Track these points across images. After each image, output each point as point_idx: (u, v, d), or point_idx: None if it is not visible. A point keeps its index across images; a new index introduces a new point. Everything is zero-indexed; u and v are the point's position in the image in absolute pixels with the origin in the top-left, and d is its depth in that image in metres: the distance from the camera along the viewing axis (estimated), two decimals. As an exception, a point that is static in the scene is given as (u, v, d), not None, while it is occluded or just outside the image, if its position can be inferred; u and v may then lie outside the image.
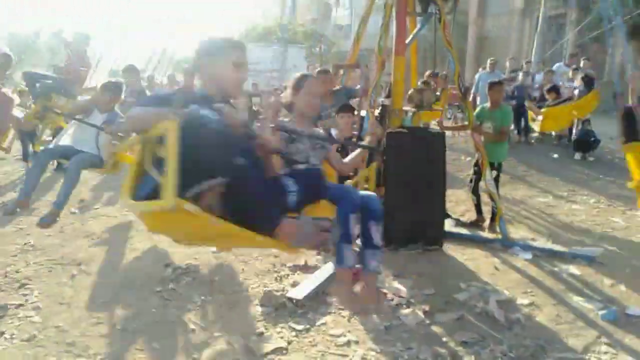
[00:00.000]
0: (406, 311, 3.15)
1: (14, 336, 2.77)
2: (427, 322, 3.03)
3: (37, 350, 2.64)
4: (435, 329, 2.97)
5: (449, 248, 4.35)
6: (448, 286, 3.54)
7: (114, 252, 4.15)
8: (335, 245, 2.38)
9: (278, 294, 3.40)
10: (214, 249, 4.22)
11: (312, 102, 2.71)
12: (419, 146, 4.22)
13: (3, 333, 2.80)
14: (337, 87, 5.03)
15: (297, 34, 22.14)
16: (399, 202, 4.25)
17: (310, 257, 4.06)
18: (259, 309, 3.18)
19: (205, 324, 2.98)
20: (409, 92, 4.83)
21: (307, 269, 3.85)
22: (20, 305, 3.15)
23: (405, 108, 4.61)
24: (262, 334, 2.85)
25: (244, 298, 3.34)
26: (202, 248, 4.21)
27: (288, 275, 3.74)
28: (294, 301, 3.21)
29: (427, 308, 3.18)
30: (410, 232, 4.25)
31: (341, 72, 5.49)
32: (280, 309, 3.16)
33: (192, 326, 2.94)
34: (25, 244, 4.21)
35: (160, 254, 4.05)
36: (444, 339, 2.83)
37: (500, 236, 4.53)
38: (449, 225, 4.74)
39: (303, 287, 3.40)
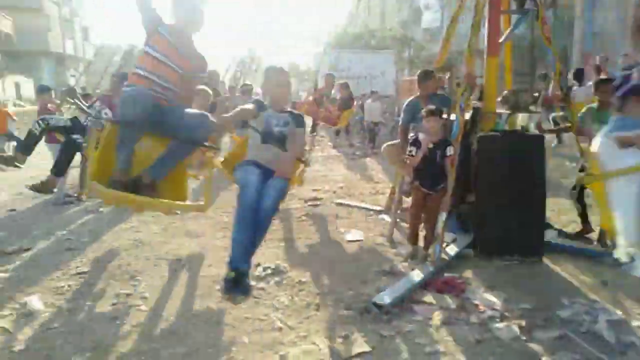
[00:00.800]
0: (500, 325, 2.97)
1: (124, 322, 3.08)
2: (524, 338, 2.83)
3: (144, 336, 2.90)
4: (534, 346, 2.76)
5: (550, 260, 4.03)
6: (548, 301, 3.28)
7: (210, 249, 4.42)
8: None
9: (363, 298, 3.39)
10: (300, 250, 4.34)
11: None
12: (514, 150, 3.98)
13: (116, 318, 3.11)
14: (438, 92, 4.79)
15: (386, 39, 21.99)
16: (492, 209, 4.04)
17: (397, 263, 4.00)
18: (344, 312, 3.20)
19: (291, 323, 3.06)
20: (504, 94, 4.57)
21: (393, 274, 3.79)
22: (130, 294, 3.49)
23: (499, 111, 4.37)
24: (346, 337, 2.86)
25: (330, 300, 3.38)
26: (290, 250, 4.36)
27: (374, 280, 3.71)
28: (379, 307, 3.18)
29: (523, 323, 2.97)
30: (505, 242, 4.01)
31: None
32: (365, 313, 3.15)
33: (279, 324, 3.03)
34: (135, 240, 4.65)
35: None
36: (544, 359, 2.62)
37: (611, 250, 4.10)
38: (550, 236, 4.39)
39: (389, 293, 3.35)
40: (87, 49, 40.07)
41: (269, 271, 3.85)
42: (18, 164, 4.42)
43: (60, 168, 4.44)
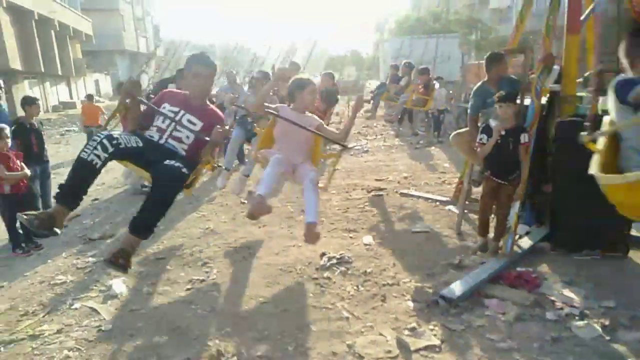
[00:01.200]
0: (579, 323, 2.79)
1: (198, 307, 3.23)
2: (607, 338, 2.64)
3: (217, 321, 3.03)
4: (617, 347, 2.57)
5: (636, 255, 3.72)
6: (634, 300, 3.04)
7: (276, 238, 4.53)
8: None
9: (430, 291, 3.32)
10: (365, 240, 4.32)
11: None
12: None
13: (191, 303, 3.28)
14: (508, 75, 4.52)
15: (451, 23, 21.14)
16: (571, 201, 3.78)
17: (466, 255, 3.87)
18: (411, 304, 3.15)
19: (357, 313, 3.06)
20: (585, 75, 4.23)
21: (461, 267, 3.68)
22: (203, 280, 3.66)
23: (580, 94, 4.06)
24: (414, 329, 2.82)
25: (396, 291, 3.34)
26: (355, 240, 4.35)
27: (441, 272, 3.62)
28: (448, 300, 3.10)
29: (606, 322, 2.77)
30: (585, 235, 3.75)
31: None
32: (433, 306, 3.09)
33: (345, 314, 3.05)
34: (207, 228, 4.86)
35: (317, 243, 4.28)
36: (630, 361, 2.44)
37: None
38: (636, 230, 4.05)
39: (457, 286, 3.25)
40: (157, 44, 42.15)
41: (334, 261, 3.87)
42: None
43: None
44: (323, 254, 3.99)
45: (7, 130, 4.48)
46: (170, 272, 3.84)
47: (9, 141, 4.50)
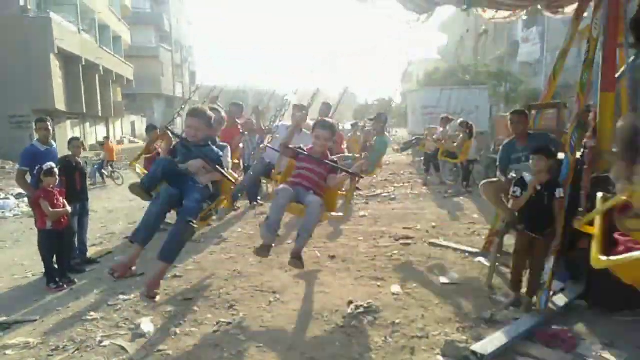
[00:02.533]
0: (622, 390, 2.64)
1: (224, 350, 3.22)
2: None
3: (242, 366, 3.00)
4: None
5: (680, 319, 3.54)
6: (681, 367, 2.87)
7: (303, 283, 4.51)
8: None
9: (461, 345, 3.21)
10: (393, 290, 4.26)
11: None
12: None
13: (217, 345, 3.27)
14: (533, 131, 4.65)
15: (480, 75, 21.41)
16: (609, 258, 3.66)
17: (497, 310, 3.76)
18: (440, 358, 3.06)
19: (386, 366, 2.98)
20: (620, 132, 4.20)
21: (493, 322, 3.57)
22: (229, 323, 3.65)
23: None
24: (445, 386, 2.72)
25: (425, 345, 3.25)
26: (382, 289, 4.30)
27: (472, 327, 3.52)
28: (479, 356, 2.99)
29: (651, 390, 2.62)
30: (625, 294, 3.58)
31: (533, 112, 5.10)
32: (464, 362, 2.99)
33: (374, 366, 2.98)
34: (234, 270, 4.90)
35: (344, 291, 4.25)
36: None
37: None
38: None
39: (489, 342, 3.15)
40: (193, 89, 44.04)
41: (362, 310, 3.81)
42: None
43: None
44: (350, 302, 3.94)
45: (56, 169, 4.72)
46: (198, 313, 3.86)
47: (57, 179, 4.72)
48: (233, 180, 4.08)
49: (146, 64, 34.68)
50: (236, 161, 6.81)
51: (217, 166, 3.73)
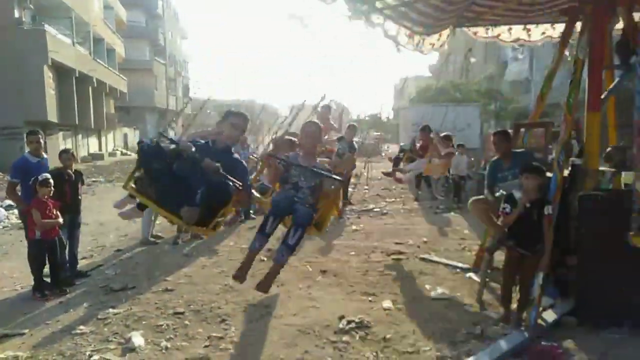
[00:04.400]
0: (610, 406, 2.67)
1: (215, 364, 3.21)
2: None
3: (233, 380, 2.99)
4: None
5: (667, 336, 3.59)
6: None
7: (295, 298, 4.51)
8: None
9: (452, 361, 3.24)
10: (384, 305, 4.28)
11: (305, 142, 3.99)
12: (620, 212, 3.69)
13: (209, 359, 3.26)
14: (519, 149, 4.75)
15: (471, 93, 21.76)
16: (598, 274, 3.73)
17: (488, 326, 3.79)
18: (432, 374, 3.07)
19: (377, 381, 2.99)
20: (607, 150, 4.32)
21: (483, 338, 3.59)
22: (221, 338, 3.64)
23: (602, 168, 4.13)
24: (436, 401, 2.74)
25: (417, 360, 3.27)
26: (374, 304, 4.31)
27: (462, 342, 3.54)
28: (471, 372, 3.02)
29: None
30: (614, 311, 3.66)
31: (522, 130, 5.21)
32: (455, 378, 3.00)
33: (365, 381, 2.98)
34: (225, 284, 4.88)
35: (335, 305, 4.26)
36: None
37: None
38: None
39: (480, 357, 3.18)
40: (186, 102, 44.13)
41: (353, 325, 3.82)
42: None
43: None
44: (342, 317, 3.95)
45: (51, 180, 4.72)
46: (189, 327, 3.84)
47: (52, 189, 4.72)
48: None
49: (140, 77, 34.72)
50: None
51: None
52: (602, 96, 4.17)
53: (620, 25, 4.44)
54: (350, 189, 9.70)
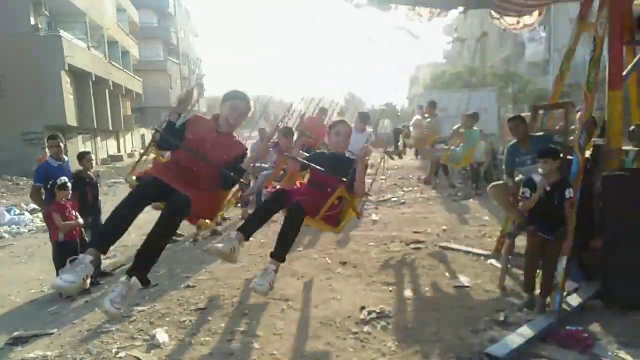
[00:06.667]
0: (640, 390, 2.61)
1: (239, 358, 3.24)
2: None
3: (257, 374, 3.02)
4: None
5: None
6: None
7: (315, 291, 4.52)
8: None
9: (475, 349, 3.21)
10: (406, 294, 4.26)
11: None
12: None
13: (232, 354, 3.30)
14: (538, 133, 4.65)
15: (487, 77, 21.36)
16: (624, 256, 3.64)
17: (511, 312, 3.74)
18: (456, 362, 3.05)
19: (401, 371, 2.98)
20: (631, 129, 4.18)
21: (506, 325, 3.55)
22: (244, 332, 3.68)
23: (625, 147, 4.00)
24: (460, 390, 2.71)
25: (438, 349, 3.24)
26: (395, 294, 4.30)
27: (486, 329, 3.50)
28: (495, 358, 2.98)
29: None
30: (638, 293, 3.57)
31: (541, 112, 5.08)
32: (479, 365, 2.97)
33: (388, 371, 2.98)
34: (247, 279, 4.92)
35: (356, 296, 4.26)
36: None
37: None
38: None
39: (504, 344, 3.14)
40: (201, 102, 44.52)
41: (374, 315, 3.81)
42: None
43: None
44: (363, 308, 3.95)
45: (69, 183, 4.82)
46: (212, 322, 3.89)
47: (70, 193, 4.82)
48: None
49: (155, 78, 35.10)
50: None
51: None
52: (624, 73, 4.03)
53: (640, -1, 4.29)
54: (368, 180, 9.60)
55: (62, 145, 5.28)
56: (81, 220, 4.97)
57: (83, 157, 5.52)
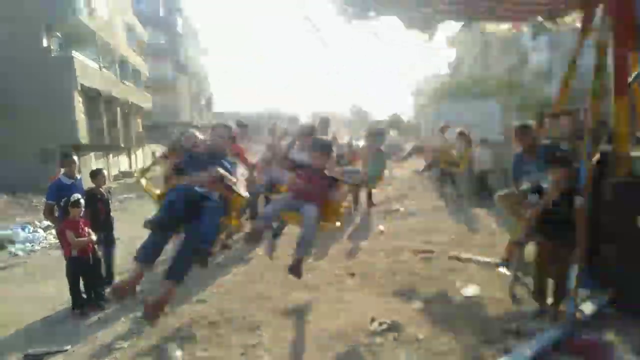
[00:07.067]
0: (656, 398, 2.58)
1: (251, 371, 3.25)
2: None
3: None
4: None
5: None
6: None
7: (325, 303, 4.52)
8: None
9: (489, 359, 3.19)
10: (416, 305, 4.25)
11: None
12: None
13: (244, 367, 3.31)
14: (544, 141, 4.68)
15: (491, 87, 21.38)
16: (635, 264, 3.61)
17: (523, 321, 3.71)
18: (468, 373, 3.03)
19: (413, 382, 2.97)
20: (639, 135, 4.17)
21: (519, 334, 3.52)
22: (254, 345, 3.69)
23: (634, 154, 3.99)
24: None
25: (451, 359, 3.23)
26: (405, 305, 4.29)
27: (498, 340, 3.48)
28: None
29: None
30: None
31: (547, 120, 5.09)
32: (492, 376, 2.95)
33: (400, 382, 2.97)
34: (258, 292, 4.94)
35: (366, 307, 4.25)
36: None
37: None
38: None
39: (518, 354, 3.12)
40: (209, 117, 45.02)
41: (385, 326, 3.81)
42: None
43: None
44: (373, 319, 3.94)
45: (82, 200, 4.91)
46: (223, 336, 3.90)
47: (82, 209, 4.90)
48: (242, 195, 4.20)
49: (164, 95, 35.63)
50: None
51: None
52: (630, 80, 4.04)
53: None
54: (373, 190, 9.67)
55: (76, 163, 5.38)
56: (94, 237, 5.04)
57: (96, 174, 5.61)
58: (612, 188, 3.78)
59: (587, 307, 3.75)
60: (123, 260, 6.96)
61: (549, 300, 3.81)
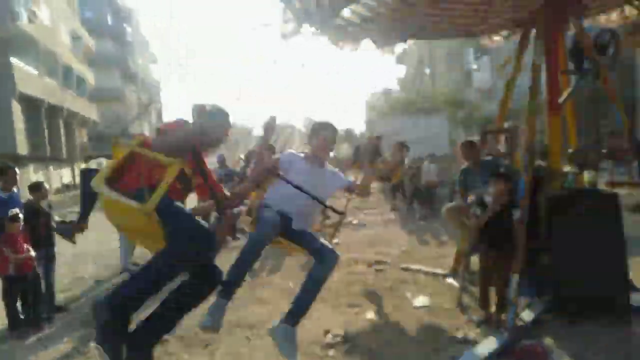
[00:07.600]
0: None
1: (202, 389, 3.18)
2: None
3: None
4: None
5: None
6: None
7: (278, 316, 4.46)
8: None
9: (438, 367, 3.30)
10: (368, 316, 4.33)
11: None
12: (586, 209, 3.87)
13: (194, 385, 3.23)
14: (487, 157, 4.96)
15: (439, 102, 22.33)
16: (570, 271, 3.88)
17: (469, 329, 3.87)
18: (418, 381, 3.12)
19: (365, 392, 3.02)
20: (569, 152, 4.51)
21: (466, 342, 3.67)
22: (207, 362, 3.61)
23: (565, 169, 4.31)
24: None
25: (402, 369, 3.31)
26: (358, 316, 4.35)
27: (446, 347, 3.61)
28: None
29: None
30: (587, 305, 3.79)
31: (489, 137, 5.40)
32: (441, 382, 3.05)
33: (353, 393, 3.00)
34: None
35: (321, 320, 4.27)
36: None
37: None
38: (637, 300, 4.09)
39: (464, 361, 3.24)
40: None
41: (339, 338, 3.85)
42: None
43: None
44: (327, 332, 3.97)
45: (21, 215, 4.64)
46: (174, 355, 3.80)
47: (21, 224, 4.64)
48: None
49: (112, 105, 34.38)
50: None
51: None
52: (560, 100, 4.37)
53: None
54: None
55: (15, 175, 5.07)
56: (33, 253, 4.77)
57: (37, 188, 5.32)
58: (548, 201, 4.04)
59: (528, 314, 3.96)
60: (64, 277, 6.63)
61: (493, 308, 4.00)
